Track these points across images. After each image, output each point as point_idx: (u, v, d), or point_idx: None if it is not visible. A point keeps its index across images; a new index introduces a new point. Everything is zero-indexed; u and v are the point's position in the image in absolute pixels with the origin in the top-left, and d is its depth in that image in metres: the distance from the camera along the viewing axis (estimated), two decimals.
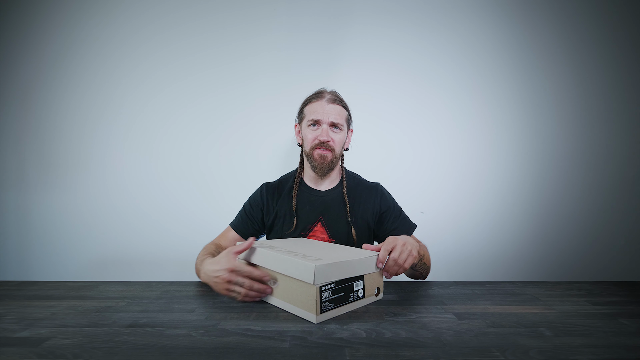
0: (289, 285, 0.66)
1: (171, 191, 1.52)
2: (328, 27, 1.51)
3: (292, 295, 0.65)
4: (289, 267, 0.65)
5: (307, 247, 0.77)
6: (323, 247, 0.80)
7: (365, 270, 0.69)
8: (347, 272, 0.65)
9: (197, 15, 1.51)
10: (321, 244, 0.84)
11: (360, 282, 0.69)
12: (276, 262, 0.68)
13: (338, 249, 0.78)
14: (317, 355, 0.50)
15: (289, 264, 0.65)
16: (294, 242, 0.85)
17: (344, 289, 0.65)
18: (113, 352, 0.51)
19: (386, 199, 1.04)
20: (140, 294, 0.78)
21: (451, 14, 1.51)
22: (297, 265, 0.62)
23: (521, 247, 1.51)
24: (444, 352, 0.51)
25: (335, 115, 0.97)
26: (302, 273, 0.61)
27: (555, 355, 0.50)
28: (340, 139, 0.99)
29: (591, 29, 1.50)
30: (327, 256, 0.66)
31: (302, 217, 1.00)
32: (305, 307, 0.62)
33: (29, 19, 1.51)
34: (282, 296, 0.68)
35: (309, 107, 1.00)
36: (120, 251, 1.52)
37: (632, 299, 0.76)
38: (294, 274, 0.63)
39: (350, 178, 1.07)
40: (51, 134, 1.52)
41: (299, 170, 1.07)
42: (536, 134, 1.51)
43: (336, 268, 0.63)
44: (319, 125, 0.97)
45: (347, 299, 0.66)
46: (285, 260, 0.66)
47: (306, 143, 1.00)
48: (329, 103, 0.98)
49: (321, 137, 0.96)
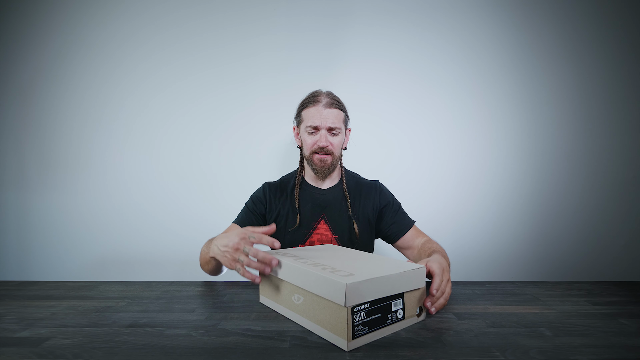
0: (316, 303, 0.56)
1: (171, 191, 1.52)
2: (328, 27, 1.51)
3: (319, 316, 0.56)
4: (316, 284, 0.56)
5: (336, 258, 0.68)
6: (356, 257, 0.70)
7: (406, 286, 0.59)
8: (384, 290, 0.56)
9: (197, 15, 1.51)
10: (352, 253, 0.75)
11: (400, 300, 0.58)
12: (301, 276, 0.59)
13: (372, 259, 0.68)
14: (317, 355, 0.50)
15: (316, 279, 0.56)
16: (322, 250, 0.77)
17: (381, 309, 0.55)
18: (113, 352, 0.51)
19: (385, 195, 1.06)
20: (140, 294, 0.78)
21: (451, 14, 1.51)
22: (326, 282, 0.54)
23: (521, 247, 1.51)
24: (444, 352, 0.51)
25: (332, 119, 0.97)
26: (331, 292, 0.53)
27: (555, 355, 0.50)
28: (339, 141, 1.01)
29: (591, 29, 1.50)
30: (360, 270, 0.57)
31: (305, 215, 1.02)
32: (335, 330, 0.53)
33: (29, 19, 1.51)
34: (309, 315, 0.58)
35: (306, 111, 1.00)
36: (120, 251, 1.52)
37: (632, 299, 0.76)
38: (322, 292, 0.55)
39: (349, 176, 1.10)
40: (51, 134, 1.52)
41: (300, 170, 1.08)
42: (536, 134, 1.51)
43: (372, 285, 0.53)
44: (317, 130, 0.98)
45: (385, 322, 0.56)
46: (311, 274, 0.57)
47: (305, 147, 1.02)
48: (325, 108, 0.97)
49: (320, 142, 0.97)
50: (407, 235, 1.00)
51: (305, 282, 0.58)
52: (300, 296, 0.60)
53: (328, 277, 0.53)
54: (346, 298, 0.50)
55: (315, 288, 0.56)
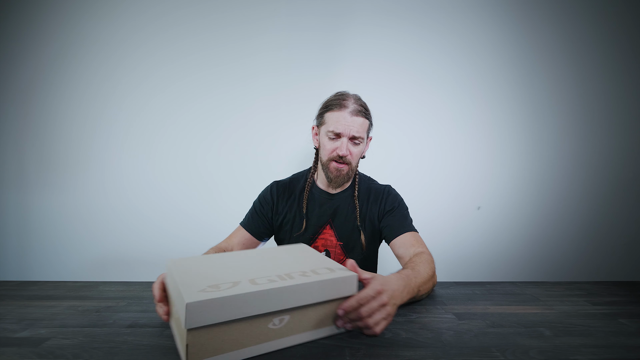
0: (310, 311, 0.53)
1: (171, 191, 1.52)
2: (328, 27, 1.51)
3: (312, 321, 0.53)
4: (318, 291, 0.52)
5: (264, 261, 0.61)
6: (271, 260, 0.62)
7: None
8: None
9: (197, 15, 1.51)
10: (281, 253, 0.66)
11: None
12: (285, 294, 0.50)
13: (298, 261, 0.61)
14: (317, 355, 0.50)
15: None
16: (241, 258, 0.65)
17: None
18: (113, 352, 0.51)
19: (392, 200, 1.01)
20: (140, 294, 0.78)
21: (451, 14, 1.51)
22: (333, 283, 0.52)
23: (521, 247, 1.51)
24: (444, 352, 0.51)
25: (357, 128, 0.91)
26: (340, 289, 0.52)
27: (555, 355, 0.50)
28: (359, 151, 0.95)
29: (591, 29, 1.50)
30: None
31: (311, 220, 0.99)
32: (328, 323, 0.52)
33: (29, 19, 1.51)
34: (296, 330, 0.53)
35: (331, 114, 0.92)
36: (120, 251, 1.52)
37: (632, 299, 0.76)
38: (328, 295, 0.52)
39: (362, 181, 1.04)
40: (51, 134, 1.52)
41: (313, 171, 1.03)
42: (536, 134, 1.51)
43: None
44: (338, 137, 0.91)
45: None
46: (304, 285, 0.51)
47: (323, 152, 0.95)
48: (352, 115, 0.90)
49: (340, 151, 0.91)
50: (397, 241, 0.91)
51: (296, 299, 0.51)
52: (283, 317, 0.51)
53: (334, 278, 0.52)
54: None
55: (311, 298, 0.51)
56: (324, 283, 0.53)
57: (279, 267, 0.58)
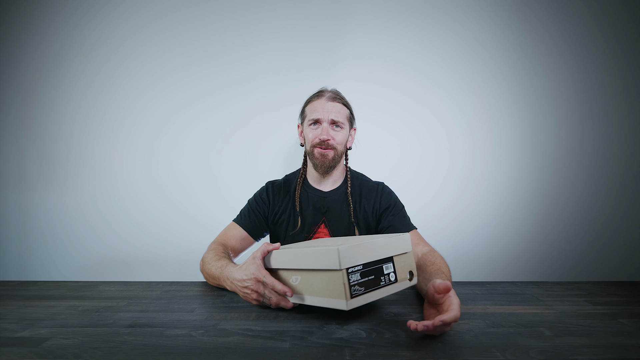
0: (313, 278, 0.63)
1: (171, 191, 1.52)
2: (328, 27, 1.51)
3: (318, 287, 0.62)
4: (311, 259, 0.62)
5: (325, 241, 0.76)
6: (342, 237, 0.80)
7: (393, 251, 0.65)
8: (373, 254, 0.62)
9: (197, 15, 1.51)
10: (339, 238, 0.85)
11: (390, 264, 0.64)
12: (296, 258, 0.65)
13: (359, 237, 0.78)
14: (317, 355, 0.50)
15: (310, 256, 0.62)
16: (310, 241, 0.85)
17: (374, 271, 0.61)
18: (113, 352, 0.51)
19: (387, 198, 1.02)
20: (140, 294, 0.78)
21: (451, 14, 1.51)
22: (319, 254, 0.60)
23: (521, 247, 1.51)
24: (444, 352, 0.51)
25: (335, 113, 0.96)
26: (325, 261, 0.59)
27: (555, 355, 0.50)
28: (342, 137, 0.98)
29: (591, 29, 1.50)
30: (348, 242, 0.64)
31: (306, 218, 1.01)
32: (333, 294, 0.59)
33: (29, 19, 1.51)
34: (307, 291, 0.64)
35: (310, 106, 1.00)
36: (120, 251, 1.52)
37: (632, 299, 0.76)
38: (316, 264, 0.61)
39: (354, 178, 1.06)
40: (51, 134, 1.52)
41: (302, 170, 1.06)
42: (536, 134, 1.51)
43: (361, 249, 0.60)
44: (319, 124, 0.97)
45: (379, 283, 0.62)
46: (305, 253, 0.63)
47: (307, 142, 1.00)
48: (328, 101, 0.97)
49: (321, 135, 0.95)
50: None
51: (302, 261, 0.64)
52: (297, 277, 0.66)
53: (321, 249, 0.60)
54: (340, 261, 0.56)
55: (310, 263, 0.62)
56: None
57: (352, 240, 0.69)
